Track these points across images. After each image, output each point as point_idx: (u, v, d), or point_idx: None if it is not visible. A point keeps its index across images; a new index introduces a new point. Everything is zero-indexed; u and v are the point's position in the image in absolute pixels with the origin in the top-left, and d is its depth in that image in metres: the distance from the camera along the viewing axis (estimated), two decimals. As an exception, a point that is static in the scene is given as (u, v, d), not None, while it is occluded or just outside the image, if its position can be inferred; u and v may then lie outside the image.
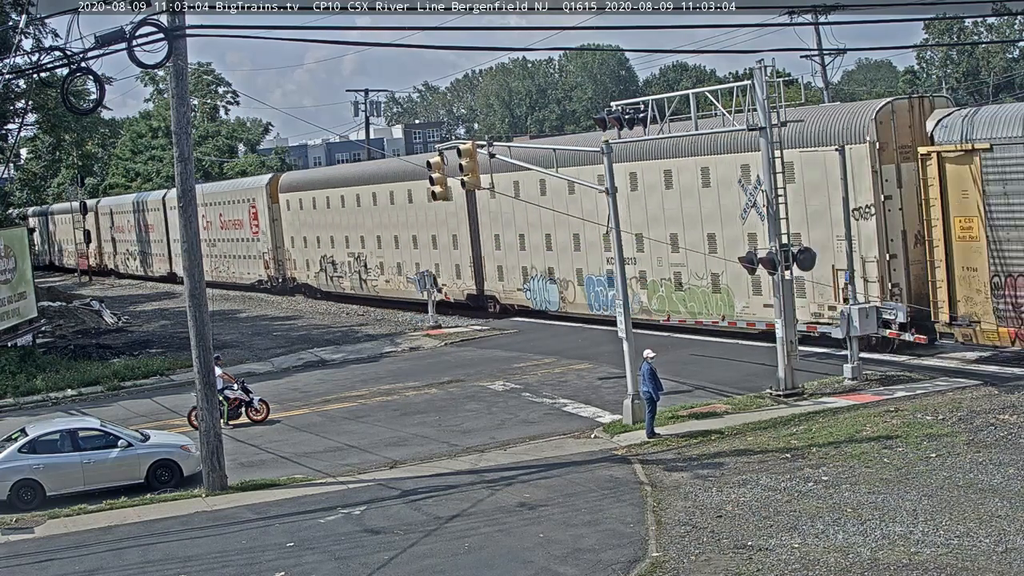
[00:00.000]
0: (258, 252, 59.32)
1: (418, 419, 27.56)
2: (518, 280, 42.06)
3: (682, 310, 34.65)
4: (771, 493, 18.79)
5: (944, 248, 27.34)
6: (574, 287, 39.20)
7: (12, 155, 61.05)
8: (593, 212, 35.63)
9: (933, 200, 27.44)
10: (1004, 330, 26.16)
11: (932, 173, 27.34)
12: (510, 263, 42.26)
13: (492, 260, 43.20)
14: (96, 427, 23.87)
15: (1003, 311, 26.07)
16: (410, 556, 17.43)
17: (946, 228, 27.33)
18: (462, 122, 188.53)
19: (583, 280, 38.67)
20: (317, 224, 54.07)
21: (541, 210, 38.76)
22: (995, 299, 25.97)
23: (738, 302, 32.65)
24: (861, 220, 28.54)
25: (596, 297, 38.09)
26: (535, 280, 41.12)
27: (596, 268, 37.70)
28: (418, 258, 46.77)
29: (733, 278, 32.29)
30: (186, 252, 22.62)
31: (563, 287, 39.84)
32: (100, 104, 26.50)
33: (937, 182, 27.26)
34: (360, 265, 51.12)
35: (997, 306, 26.19)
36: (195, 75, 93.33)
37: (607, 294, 36.55)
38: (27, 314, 41.40)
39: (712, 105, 28.27)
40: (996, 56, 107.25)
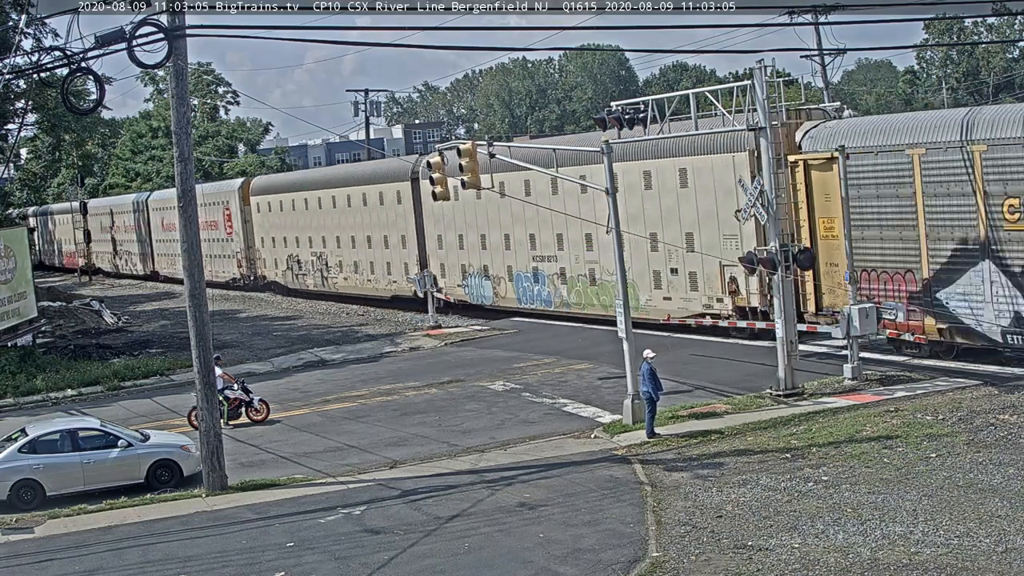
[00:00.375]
0: (232, 251, 62.32)
1: (418, 419, 27.56)
2: (458, 277, 45.59)
3: (595, 303, 37.93)
4: (771, 493, 18.80)
5: (811, 245, 29.79)
6: (505, 283, 42.86)
7: (12, 155, 61.04)
8: (521, 215, 40.36)
9: (801, 203, 30.34)
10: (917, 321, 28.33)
11: (800, 179, 30.27)
12: (451, 261, 45.76)
13: (435, 258, 46.77)
14: (96, 427, 23.87)
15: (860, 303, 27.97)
16: (410, 556, 17.43)
17: (812, 228, 30.43)
18: (462, 122, 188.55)
19: (513, 276, 42.22)
20: (284, 225, 57.55)
21: (476, 213, 42.91)
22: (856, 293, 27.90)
23: (642, 296, 36.05)
24: (745, 221, 29.88)
25: (524, 291, 41.82)
26: (472, 277, 44.77)
27: (524, 265, 41.56)
28: (372, 257, 50.50)
29: (639, 274, 35.68)
30: (186, 252, 22.63)
31: (496, 283, 43.43)
32: (100, 104, 26.51)
33: (804, 187, 30.25)
34: (322, 264, 54.43)
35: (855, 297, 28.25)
36: (195, 75, 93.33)
37: (533, 288, 41.00)
38: (27, 314, 41.40)
39: (711, 105, 28.30)
40: (996, 56, 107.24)
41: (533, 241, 40.68)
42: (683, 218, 33.47)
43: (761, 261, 25.84)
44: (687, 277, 34.60)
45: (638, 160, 35.02)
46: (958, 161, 26.57)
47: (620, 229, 25.47)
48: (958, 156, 26.53)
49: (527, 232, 40.90)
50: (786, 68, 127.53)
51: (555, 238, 39.53)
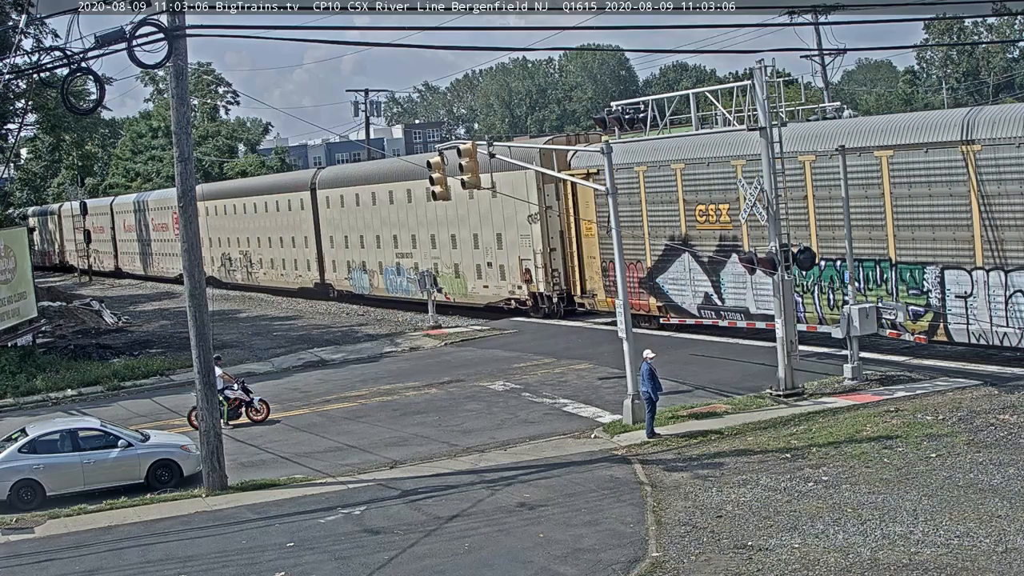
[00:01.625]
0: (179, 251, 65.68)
1: (418, 419, 27.56)
2: (345, 271, 53.77)
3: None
4: (771, 493, 18.79)
5: (577, 243, 39.21)
6: (378, 275, 51.12)
7: (12, 155, 61.03)
8: (387, 220, 49.02)
9: (570, 209, 39.31)
10: (609, 299, 36.86)
11: (568, 192, 39.19)
12: (339, 258, 54.02)
13: (329, 256, 54.92)
14: (96, 427, 23.87)
15: (608, 287, 37.53)
16: (410, 556, 17.44)
17: (578, 229, 39.19)
18: (462, 122, 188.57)
19: (383, 270, 50.59)
20: (220, 227, 65.54)
21: (357, 218, 51.60)
22: (604, 279, 37.57)
23: (469, 284, 44.55)
24: (532, 224, 40.14)
25: (390, 282, 50.16)
26: (355, 271, 52.81)
27: (390, 261, 49.83)
28: (284, 255, 58.85)
29: (467, 267, 44.68)
30: (186, 252, 22.65)
31: (371, 276, 51.64)
32: (100, 104, 26.49)
33: (569, 197, 39.21)
34: (247, 261, 62.39)
35: (605, 283, 37.86)
36: (195, 75, 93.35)
37: (397, 280, 49.54)
38: (27, 314, 41.39)
39: (712, 105, 28.33)
40: (996, 56, 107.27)
41: (396, 241, 49.05)
42: (494, 222, 42.44)
43: (761, 261, 25.85)
44: (498, 269, 42.86)
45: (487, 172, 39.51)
46: (669, 176, 34.45)
47: (617, 228, 25.47)
48: (669, 172, 34.20)
49: (391, 234, 49.25)
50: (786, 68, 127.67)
51: (411, 239, 48.01)
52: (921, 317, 27.84)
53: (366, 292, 51.97)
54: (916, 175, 27.44)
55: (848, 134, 28.65)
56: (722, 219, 32.96)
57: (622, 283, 25.12)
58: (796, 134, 29.58)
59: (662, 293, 35.46)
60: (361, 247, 51.78)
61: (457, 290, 45.14)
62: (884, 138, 28.07)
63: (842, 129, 29.48)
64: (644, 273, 36.02)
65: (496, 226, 42.05)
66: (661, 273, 35.43)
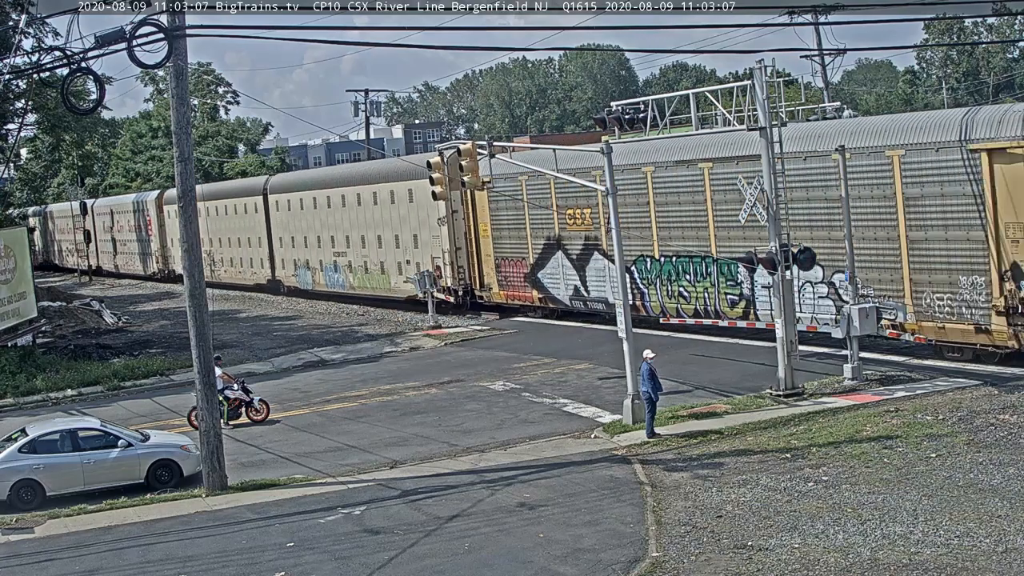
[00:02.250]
0: (152, 250, 75.18)
1: (418, 419, 27.56)
2: (292, 269, 58.42)
3: (368, 286, 51.09)
4: (771, 493, 18.79)
5: (476, 243, 44.09)
6: (319, 272, 55.71)
7: (12, 155, 61.05)
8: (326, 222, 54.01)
9: (471, 213, 44.32)
10: (501, 292, 43.29)
11: (467, 199, 43.65)
12: (287, 257, 58.90)
13: (279, 255, 59.83)
14: (96, 427, 23.86)
15: (501, 281, 43.37)
16: (410, 556, 17.44)
17: (477, 231, 44.09)
18: (462, 122, 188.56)
19: (323, 267, 55.12)
20: None
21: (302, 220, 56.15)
22: (497, 274, 43.40)
23: (393, 280, 49.30)
24: (442, 226, 44.92)
25: (329, 278, 54.86)
26: (300, 268, 57.47)
27: (329, 259, 54.48)
28: (241, 254, 63.66)
29: (391, 264, 49.29)
30: (186, 252, 22.67)
31: (313, 273, 56.23)
32: (100, 104, 26.50)
33: (469, 203, 43.98)
34: (210, 259, 65.87)
35: (498, 278, 43.51)
36: (195, 75, 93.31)
37: (334, 276, 54.20)
38: (27, 314, 41.38)
39: (712, 105, 28.35)
40: (996, 56, 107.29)
41: (333, 241, 53.67)
42: (411, 224, 47.34)
43: (761, 261, 25.86)
44: (415, 266, 47.01)
45: (387, 183, 48.66)
46: (545, 186, 39.75)
47: (617, 228, 25.49)
48: (545, 182, 39.31)
49: (330, 235, 53.94)
50: (786, 68, 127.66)
51: (345, 239, 52.52)
52: (736, 304, 32.58)
53: (309, 288, 56.83)
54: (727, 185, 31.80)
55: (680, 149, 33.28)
56: (586, 222, 38.57)
57: (622, 283, 25.12)
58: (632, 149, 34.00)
59: (542, 286, 41.50)
60: (305, 247, 56.59)
61: (383, 285, 50.28)
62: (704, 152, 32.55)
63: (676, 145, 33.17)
64: (528, 269, 41.83)
65: (413, 228, 47.26)
66: (541, 269, 41.34)
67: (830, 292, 29.85)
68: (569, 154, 34.27)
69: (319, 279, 55.48)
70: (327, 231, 54.12)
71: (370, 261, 50.91)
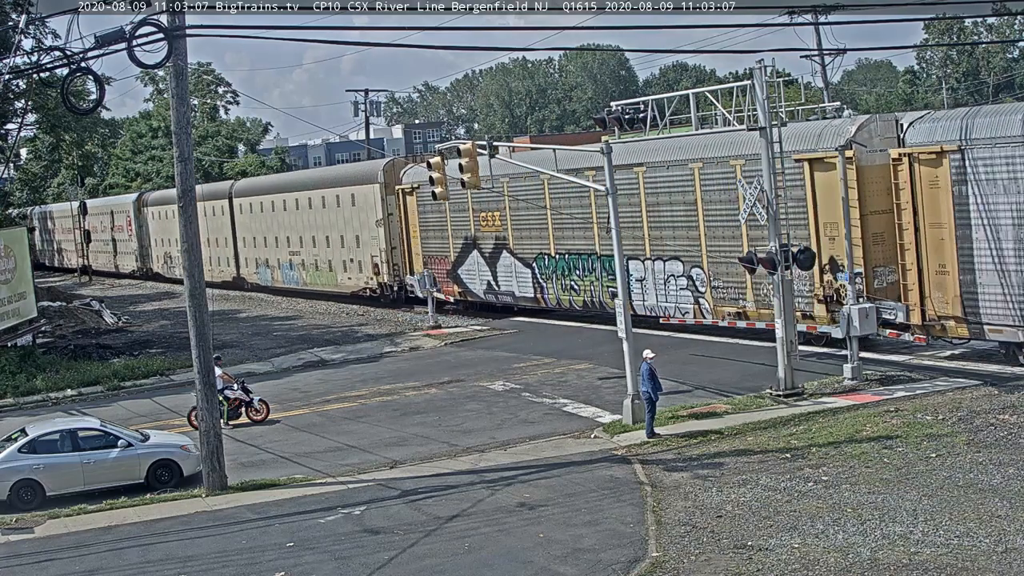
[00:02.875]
0: (131, 249, 79.87)
1: (418, 419, 27.56)
2: (254, 267, 62.59)
3: (318, 282, 55.40)
4: (771, 493, 18.79)
5: (408, 243, 48.35)
6: (276, 270, 59.89)
7: (12, 155, 61.04)
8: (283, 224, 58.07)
9: (404, 216, 48.36)
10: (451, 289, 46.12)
11: (400, 203, 48.39)
12: (250, 256, 63.04)
13: (243, 254, 64.11)
14: (96, 427, 23.86)
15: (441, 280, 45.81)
16: (410, 556, 17.44)
17: (409, 231, 48.13)
18: (462, 122, 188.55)
19: (280, 266, 59.28)
20: (161, 229, 74.41)
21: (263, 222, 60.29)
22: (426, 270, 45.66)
23: (338, 277, 53.42)
24: (379, 227, 49.16)
25: (286, 275, 58.86)
26: (261, 267, 61.68)
27: (285, 258, 58.60)
28: (210, 253, 65.63)
29: (337, 262, 53.23)
30: (186, 252, 22.67)
31: (272, 271, 60.32)
32: (100, 104, 26.50)
33: (402, 206, 48.27)
34: None
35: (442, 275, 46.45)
36: (195, 75, 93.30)
37: (290, 273, 58.43)
38: (27, 314, 41.37)
39: (711, 105, 28.36)
40: (996, 56, 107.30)
41: (289, 241, 57.83)
42: (354, 226, 51.42)
43: (761, 261, 25.85)
44: (358, 264, 51.29)
45: (333, 188, 53.24)
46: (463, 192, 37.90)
47: (619, 227, 25.49)
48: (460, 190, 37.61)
49: (286, 235, 58.13)
50: (786, 68, 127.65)
51: (299, 239, 56.76)
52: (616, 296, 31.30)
53: (269, 284, 61.12)
54: None
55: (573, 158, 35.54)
56: (496, 224, 42.78)
57: (622, 283, 25.13)
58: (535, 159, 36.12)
59: (461, 282, 45.37)
60: (265, 246, 60.88)
61: (331, 281, 54.56)
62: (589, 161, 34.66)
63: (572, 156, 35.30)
64: (449, 266, 45.79)
65: (355, 229, 51.41)
66: (460, 266, 45.36)
67: (688, 284, 34.18)
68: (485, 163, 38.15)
69: (277, 276, 59.67)
70: (284, 232, 58.29)
71: (320, 259, 55.12)
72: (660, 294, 35.14)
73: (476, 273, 44.37)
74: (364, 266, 50.70)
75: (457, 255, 45.16)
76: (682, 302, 34.25)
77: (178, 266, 68.58)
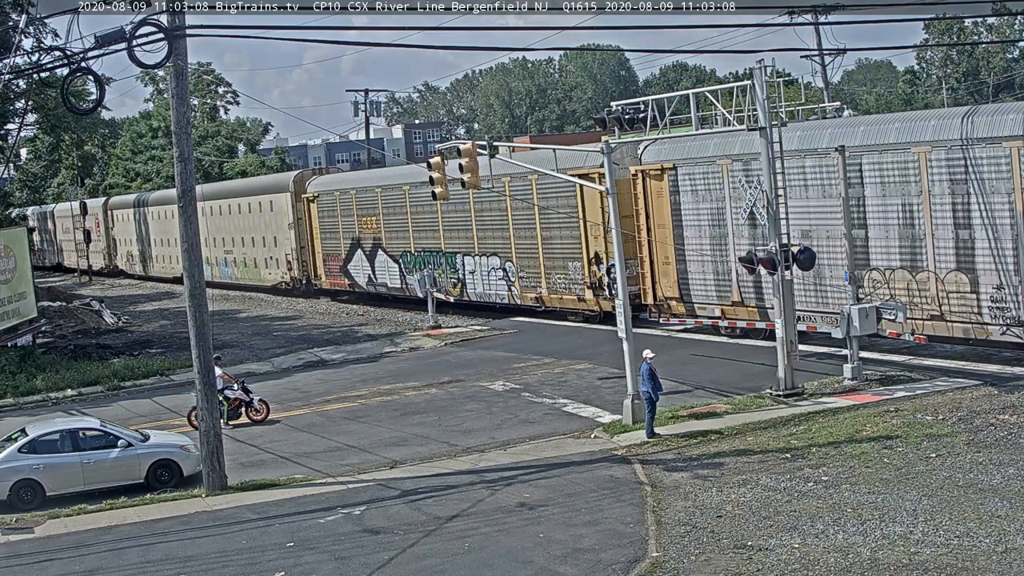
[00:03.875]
0: (100, 248, 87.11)
1: (418, 419, 27.56)
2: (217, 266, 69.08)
3: (246, 277, 63.06)
4: (771, 493, 18.79)
5: (311, 243, 56.01)
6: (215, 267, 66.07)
7: (12, 155, 61.04)
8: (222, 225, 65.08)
9: (308, 219, 56.05)
10: (328, 281, 55.01)
11: (306, 209, 56.21)
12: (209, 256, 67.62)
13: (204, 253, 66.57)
14: (96, 427, 23.85)
15: (327, 272, 55.31)
16: (410, 556, 17.44)
17: (313, 233, 55.89)
18: (462, 122, 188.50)
19: (218, 263, 65.95)
20: (126, 231, 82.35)
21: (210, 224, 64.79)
22: (324, 266, 55.46)
23: (261, 272, 61.19)
24: (291, 230, 56.94)
25: (222, 271, 65.99)
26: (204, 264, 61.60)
27: (220, 256, 65.72)
28: (164, 252, 73.89)
29: (261, 260, 61.14)
30: (186, 252, 22.65)
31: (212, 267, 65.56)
32: (100, 104, 26.48)
33: (308, 212, 56.19)
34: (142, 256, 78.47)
35: (326, 270, 55.50)
36: (195, 75, 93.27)
37: (224, 270, 65.78)
38: (27, 314, 41.38)
39: (712, 105, 28.35)
40: (996, 56, 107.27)
41: (223, 242, 65.31)
42: (272, 228, 59.29)
43: (761, 261, 25.85)
44: (275, 261, 59.42)
45: (255, 195, 60.90)
46: (348, 199, 52.58)
47: (617, 228, 25.50)
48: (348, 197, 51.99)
49: (222, 236, 65.28)
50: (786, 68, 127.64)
51: (231, 240, 64.29)
52: (456, 286, 45.57)
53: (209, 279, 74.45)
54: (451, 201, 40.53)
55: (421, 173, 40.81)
56: (373, 227, 51.15)
57: (622, 283, 25.12)
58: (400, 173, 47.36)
59: (350, 275, 53.50)
60: (206, 246, 64.31)
61: (256, 276, 62.01)
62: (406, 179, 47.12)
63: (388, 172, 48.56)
64: (341, 262, 53.76)
65: (273, 231, 59.30)
66: (349, 262, 53.29)
67: (503, 275, 42.87)
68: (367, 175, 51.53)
69: (216, 272, 65.94)
70: (220, 233, 65.53)
71: (247, 257, 62.89)
72: (485, 283, 44.04)
73: (360, 268, 52.55)
74: (280, 263, 58.92)
75: (347, 253, 53.32)
76: (499, 289, 43.22)
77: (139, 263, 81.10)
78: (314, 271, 56.54)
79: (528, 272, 41.36)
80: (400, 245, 49.12)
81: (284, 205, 57.74)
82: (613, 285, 32.89)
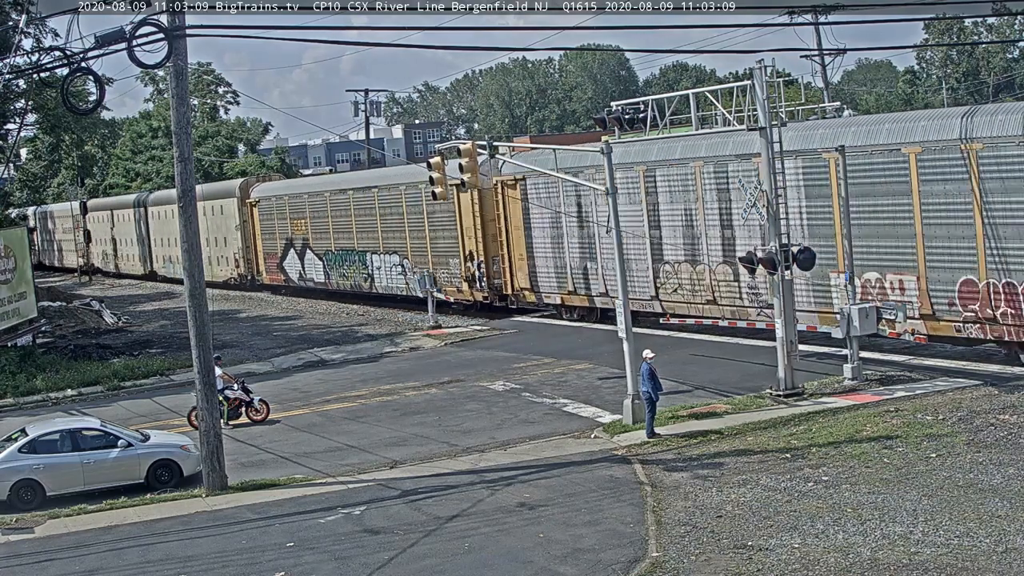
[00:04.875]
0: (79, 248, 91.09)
1: (418, 419, 27.56)
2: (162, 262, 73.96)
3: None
4: (771, 493, 18.80)
5: (256, 243, 61.62)
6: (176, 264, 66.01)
7: (12, 155, 61.06)
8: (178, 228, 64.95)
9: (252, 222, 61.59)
10: (268, 276, 61.02)
11: (250, 212, 61.48)
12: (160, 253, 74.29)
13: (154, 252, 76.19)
14: (96, 427, 23.85)
15: (268, 269, 60.93)
16: (410, 556, 17.44)
17: (255, 234, 61.49)
18: (462, 122, 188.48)
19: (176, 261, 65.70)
20: (100, 231, 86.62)
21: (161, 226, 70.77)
22: (266, 263, 60.85)
23: (214, 270, 64.10)
24: (238, 231, 62.59)
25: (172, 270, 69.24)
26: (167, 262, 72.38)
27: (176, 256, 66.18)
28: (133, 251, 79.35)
29: (215, 260, 65.07)
30: (186, 252, 22.67)
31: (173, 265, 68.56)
32: (100, 104, 26.48)
33: (252, 215, 61.68)
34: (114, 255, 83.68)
35: (267, 267, 60.94)
36: (195, 75, 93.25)
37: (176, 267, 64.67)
38: (27, 314, 41.38)
39: (712, 105, 28.36)
40: (996, 56, 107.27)
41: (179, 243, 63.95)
42: (223, 230, 64.67)
43: (761, 261, 25.86)
44: (226, 260, 64.85)
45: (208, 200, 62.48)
46: (283, 203, 58.93)
47: (620, 229, 25.50)
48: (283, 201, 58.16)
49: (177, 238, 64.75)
50: (786, 68, 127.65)
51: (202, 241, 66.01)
52: (367, 280, 51.61)
53: (171, 276, 70.65)
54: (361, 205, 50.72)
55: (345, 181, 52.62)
56: (302, 229, 56.85)
57: (622, 282, 25.12)
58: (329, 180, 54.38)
59: (285, 272, 59.29)
60: (168, 246, 71.57)
61: (209, 273, 60.90)
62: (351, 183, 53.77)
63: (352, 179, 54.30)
64: (278, 260, 59.67)
65: (224, 232, 64.55)
66: (284, 260, 59.25)
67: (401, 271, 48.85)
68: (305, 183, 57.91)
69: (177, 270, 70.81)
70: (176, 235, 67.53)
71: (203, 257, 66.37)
72: (389, 278, 50.05)
73: (293, 265, 58.42)
74: (229, 261, 64.73)
75: (282, 252, 59.32)
76: (399, 284, 49.36)
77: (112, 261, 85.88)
78: (257, 268, 62.46)
79: (420, 268, 46.94)
80: (324, 245, 55.30)
81: (232, 209, 63.53)
82: (482, 279, 43.48)
